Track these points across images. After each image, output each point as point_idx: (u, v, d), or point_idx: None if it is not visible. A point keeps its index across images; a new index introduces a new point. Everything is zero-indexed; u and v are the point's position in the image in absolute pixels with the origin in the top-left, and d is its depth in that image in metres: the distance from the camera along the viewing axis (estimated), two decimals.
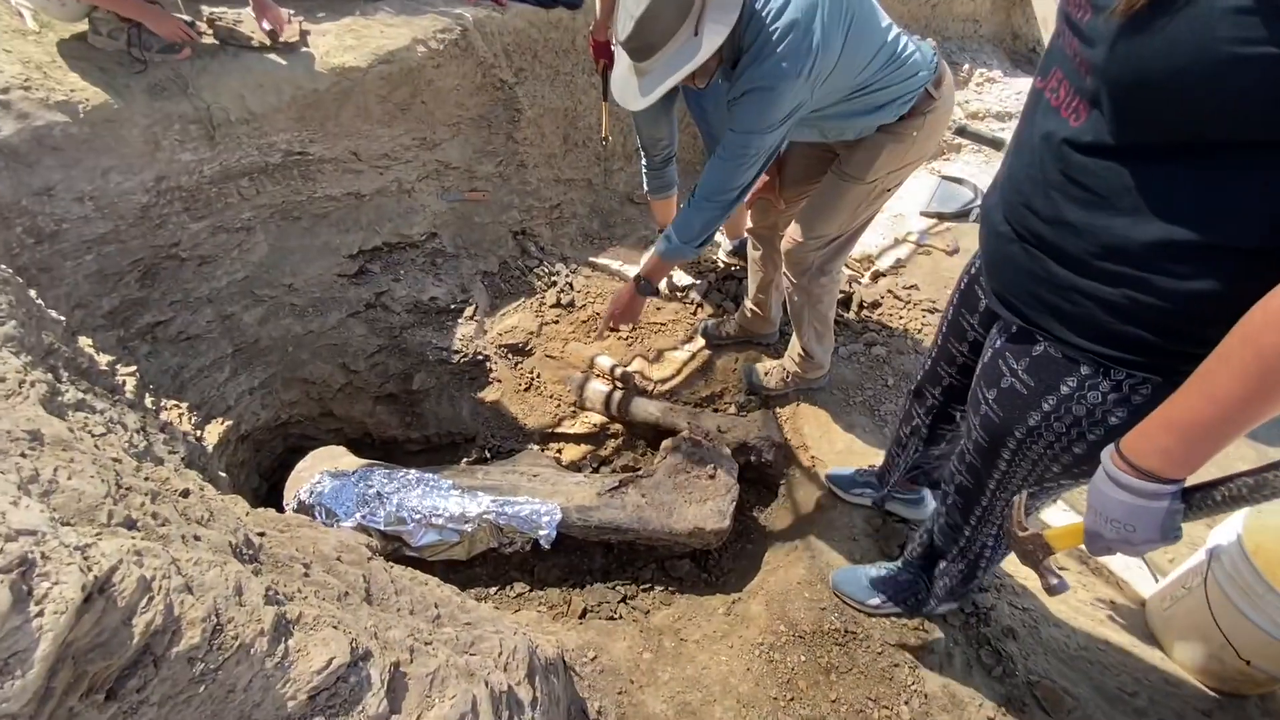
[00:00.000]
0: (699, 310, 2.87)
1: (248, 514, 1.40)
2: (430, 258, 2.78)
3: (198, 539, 0.98)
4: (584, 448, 2.54)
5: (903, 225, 3.28)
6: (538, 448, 2.54)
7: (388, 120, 2.59)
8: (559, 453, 2.53)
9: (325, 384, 2.52)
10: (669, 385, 2.60)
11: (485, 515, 2.01)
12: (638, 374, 2.61)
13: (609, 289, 2.92)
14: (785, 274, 2.12)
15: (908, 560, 1.70)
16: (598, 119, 3.20)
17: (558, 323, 2.80)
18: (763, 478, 2.37)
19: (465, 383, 2.67)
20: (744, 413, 2.48)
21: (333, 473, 2.10)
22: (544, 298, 2.86)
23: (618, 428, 2.57)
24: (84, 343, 1.65)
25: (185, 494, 1.23)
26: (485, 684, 1.21)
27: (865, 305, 2.79)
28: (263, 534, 1.26)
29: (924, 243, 3.19)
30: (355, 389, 2.60)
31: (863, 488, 2.05)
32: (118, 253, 2.04)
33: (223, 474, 1.93)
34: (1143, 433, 0.85)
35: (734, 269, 3.00)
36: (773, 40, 1.46)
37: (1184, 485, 0.84)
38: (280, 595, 0.97)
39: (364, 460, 2.23)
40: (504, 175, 2.98)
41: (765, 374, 2.46)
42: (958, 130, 3.76)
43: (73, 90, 1.92)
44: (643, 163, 2.68)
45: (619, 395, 2.51)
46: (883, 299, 2.83)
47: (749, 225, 2.34)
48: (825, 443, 2.29)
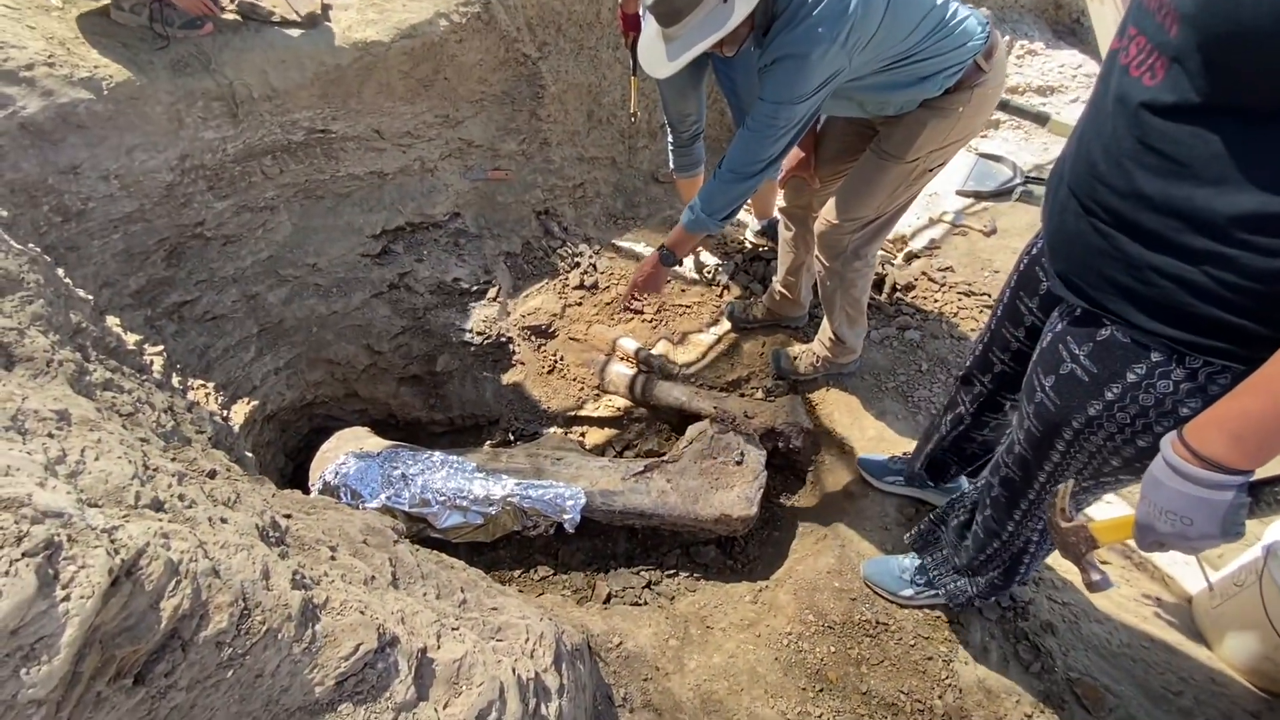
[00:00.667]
0: (725, 292, 2.80)
1: (274, 495, 1.39)
2: (453, 238, 2.75)
3: (224, 521, 0.96)
4: (607, 431, 2.51)
5: (938, 204, 3.16)
6: (561, 431, 2.52)
7: (410, 97, 2.54)
8: (582, 436, 2.50)
9: (350, 365, 2.52)
10: (694, 369, 2.55)
11: (509, 498, 1.99)
12: (662, 357, 2.56)
13: (632, 271, 2.87)
14: (818, 257, 2.04)
15: (945, 541, 1.64)
16: (623, 95, 3.12)
17: (581, 304, 2.76)
18: (790, 464, 2.32)
19: (488, 365, 2.65)
20: (771, 398, 2.42)
21: (358, 454, 2.10)
22: (567, 279, 2.82)
23: (641, 412, 2.54)
24: (112, 322, 1.65)
25: (212, 475, 1.23)
26: (512, 671, 1.19)
27: (898, 288, 2.70)
28: (289, 516, 1.25)
29: (960, 223, 3.07)
30: (379, 370, 2.59)
31: (896, 475, 1.99)
32: (144, 232, 2.03)
33: (249, 454, 1.93)
34: (1212, 418, 0.79)
35: (762, 250, 2.92)
36: (808, 3, 1.38)
37: (1251, 478, 0.78)
38: (307, 579, 0.96)
39: (388, 441, 2.23)
40: (527, 153, 2.93)
41: (794, 358, 2.40)
42: (999, 104, 3.59)
43: (96, 67, 1.90)
44: (669, 139, 2.60)
45: (643, 379, 2.47)
46: (916, 281, 2.74)
47: (781, 204, 2.26)
48: (856, 430, 2.23)
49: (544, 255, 2.90)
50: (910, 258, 2.88)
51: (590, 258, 2.90)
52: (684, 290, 2.81)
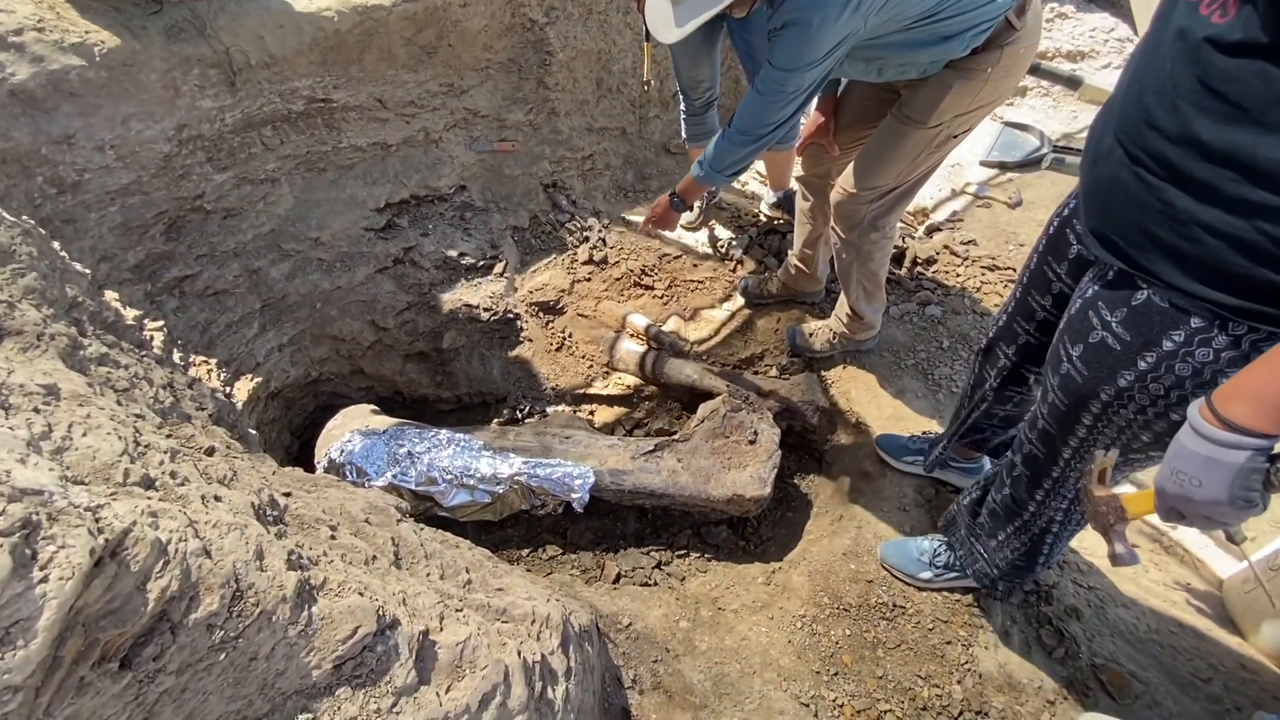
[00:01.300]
0: (739, 267, 2.72)
1: (274, 473, 1.36)
2: (459, 211, 2.68)
3: (219, 500, 0.93)
4: (617, 410, 2.46)
5: (960, 175, 3.04)
6: (569, 409, 2.48)
7: (413, 65, 2.46)
8: (591, 414, 2.46)
9: (355, 341, 2.48)
10: (706, 346, 2.49)
11: (517, 477, 1.95)
12: (673, 334, 2.50)
13: (643, 245, 2.79)
14: (834, 228, 1.96)
15: (955, 526, 1.58)
16: (634, 62, 3.01)
17: (590, 280, 2.69)
18: (805, 444, 2.26)
19: (496, 342, 2.60)
20: (786, 375, 2.36)
21: (363, 431, 2.07)
22: (576, 254, 2.75)
23: (652, 390, 2.48)
24: (110, 296, 1.61)
25: (210, 452, 1.19)
26: (518, 654, 1.16)
27: (919, 261, 2.61)
28: (289, 494, 1.22)
29: (983, 195, 2.95)
30: (385, 347, 2.55)
31: (915, 455, 1.93)
32: (142, 204, 1.99)
33: (253, 431, 1.90)
34: (1237, 380, 0.74)
35: (777, 223, 2.83)
36: None
37: (1273, 445, 0.73)
38: (305, 559, 0.93)
39: (395, 419, 2.19)
40: (534, 124, 2.84)
41: (810, 335, 2.32)
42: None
43: (87, 32, 1.83)
44: (681, 107, 2.51)
45: (653, 356, 2.41)
46: (938, 255, 2.64)
47: (798, 173, 2.17)
48: (873, 408, 2.16)
49: (552, 230, 2.83)
50: (932, 230, 2.77)
51: (599, 232, 2.82)
52: (696, 265, 2.73)
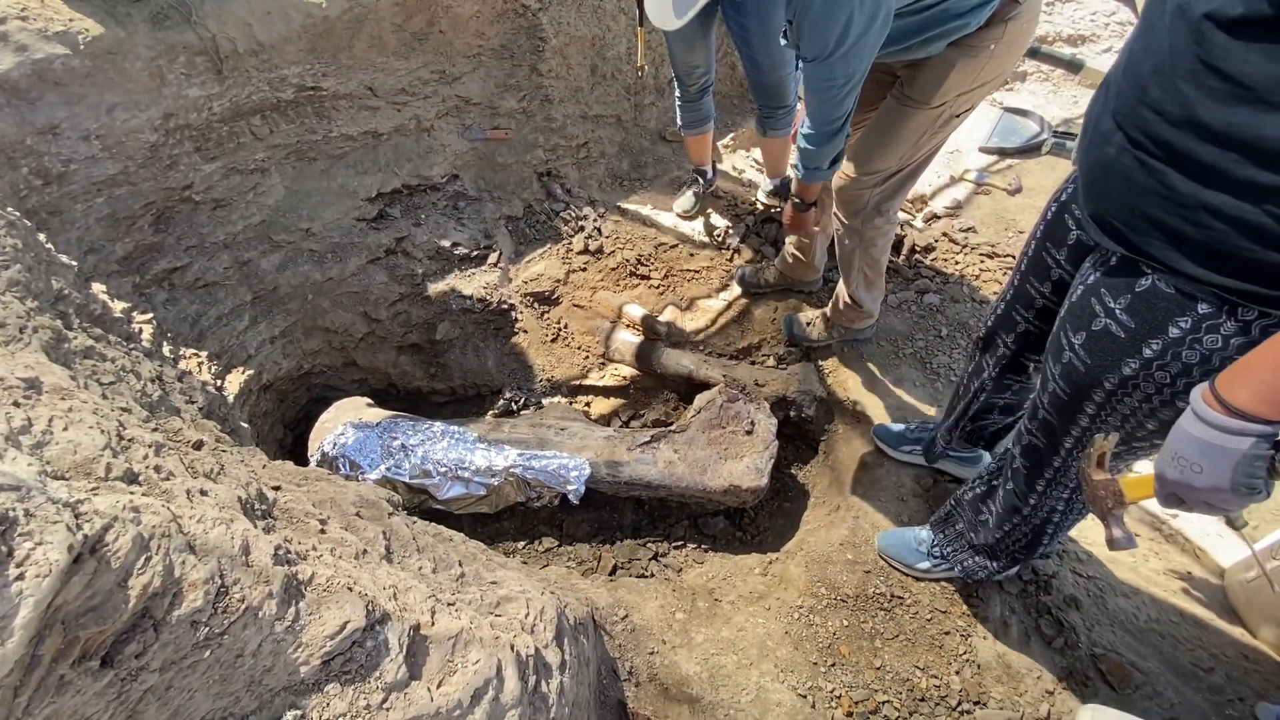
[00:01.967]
0: (735, 256, 2.69)
1: (264, 466, 1.34)
2: (452, 201, 2.65)
3: (204, 494, 0.91)
4: (613, 400, 2.44)
5: (960, 162, 3.01)
6: (565, 400, 2.46)
7: (404, 52, 2.42)
8: (587, 405, 2.44)
9: (347, 333, 2.46)
10: (703, 336, 2.47)
11: (512, 469, 1.94)
12: (670, 324, 2.47)
13: (639, 234, 2.76)
14: (836, 214, 1.93)
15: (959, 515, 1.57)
16: (629, 48, 2.96)
17: (585, 270, 2.66)
18: (803, 434, 2.25)
19: (490, 333, 2.58)
20: (783, 365, 2.34)
21: (357, 424, 2.05)
22: (571, 243, 2.72)
23: (648, 380, 2.46)
24: (97, 289, 1.59)
25: (198, 446, 1.17)
26: (511, 648, 1.15)
27: (918, 249, 2.58)
28: (279, 488, 1.20)
29: (983, 182, 2.91)
30: (378, 338, 2.53)
31: (913, 444, 1.91)
32: (129, 195, 1.96)
33: (245, 424, 1.89)
34: (1240, 365, 0.73)
35: (774, 211, 2.80)
36: None
37: (1277, 432, 0.71)
38: (293, 554, 0.91)
39: (388, 411, 2.17)
40: (528, 112, 2.80)
41: (807, 324, 2.30)
42: (1028, 52, 3.36)
43: (71, 20, 1.80)
44: (676, 94, 2.47)
45: (650, 346, 2.39)
46: (937, 243, 2.61)
47: (795, 161, 2.13)
48: (871, 397, 2.14)
49: (546, 219, 2.80)
50: (930, 218, 2.74)
51: (595, 221, 2.79)
52: (693, 254, 2.71)
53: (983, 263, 2.54)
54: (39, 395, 0.82)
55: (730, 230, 2.75)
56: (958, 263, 2.55)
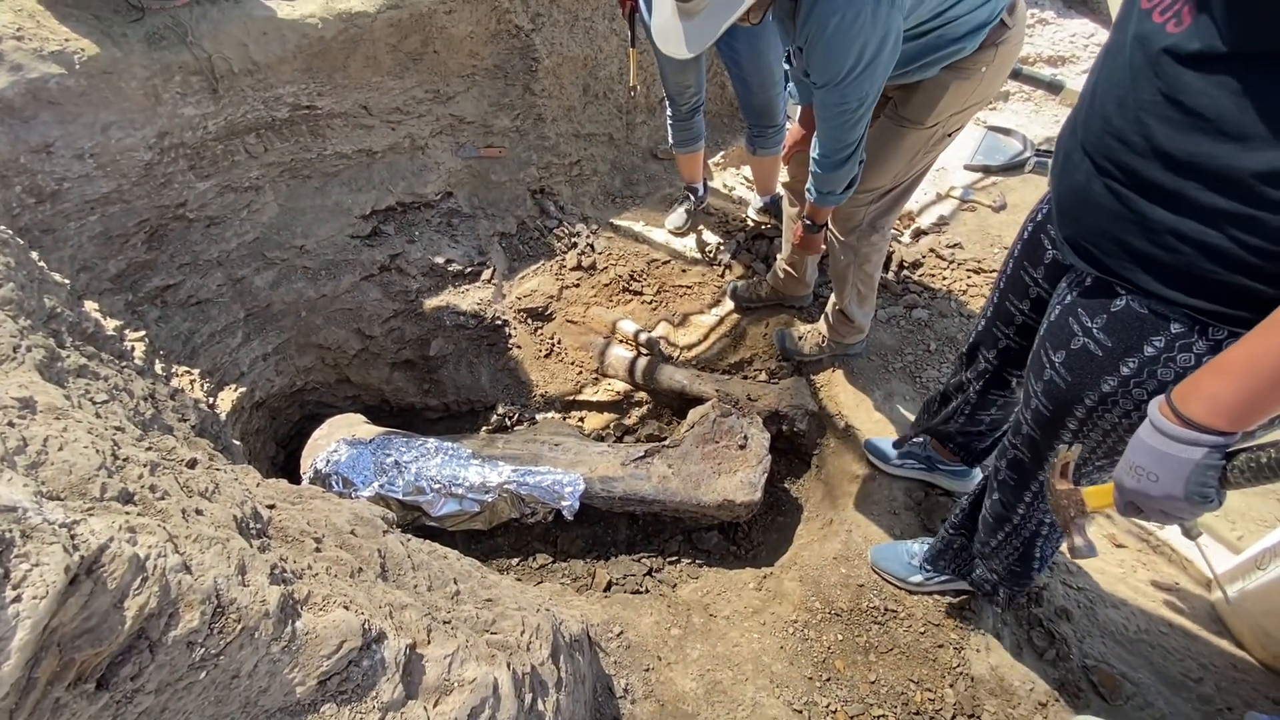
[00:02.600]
0: (727, 272, 2.72)
1: (258, 485, 1.33)
2: (445, 218, 2.67)
3: (200, 513, 0.91)
4: (607, 416, 2.45)
5: (946, 179, 3.07)
6: (559, 415, 2.46)
7: (398, 71, 2.45)
8: (581, 421, 2.44)
9: (340, 350, 2.45)
10: (695, 351, 2.49)
11: (506, 485, 1.94)
12: (662, 339, 2.49)
13: (631, 250, 2.79)
14: (831, 230, 1.96)
15: (951, 528, 1.58)
16: (620, 68, 3.01)
17: (579, 286, 2.68)
18: (795, 448, 2.26)
19: (484, 349, 2.58)
20: (775, 380, 2.36)
21: (350, 441, 2.04)
22: (564, 260, 2.74)
23: (642, 396, 2.47)
24: (90, 307, 1.58)
25: (192, 464, 1.17)
26: (507, 666, 1.14)
27: (906, 265, 2.62)
28: (273, 506, 1.20)
29: (968, 198, 2.97)
30: (371, 355, 2.53)
31: (905, 457, 1.93)
32: (122, 213, 1.96)
33: (237, 442, 1.88)
34: (1194, 378, 0.76)
35: (764, 227, 2.83)
36: None
37: (1229, 443, 0.75)
38: (289, 573, 0.91)
39: (381, 428, 2.17)
40: (521, 130, 2.83)
41: (799, 338, 2.33)
42: (1010, 73, 3.44)
43: (67, 40, 1.81)
44: (668, 113, 2.51)
45: (643, 361, 2.40)
46: (924, 258, 2.65)
47: (784, 180, 2.17)
48: (862, 411, 2.16)
49: (540, 235, 2.82)
50: (918, 234, 2.79)
51: (588, 238, 2.82)
52: (685, 270, 2.73)
53: (969, 278, 2.58)
54: (33, 415, 0.82)
55: (721, 246, 2.78)
56: (945, 278, 2.60)
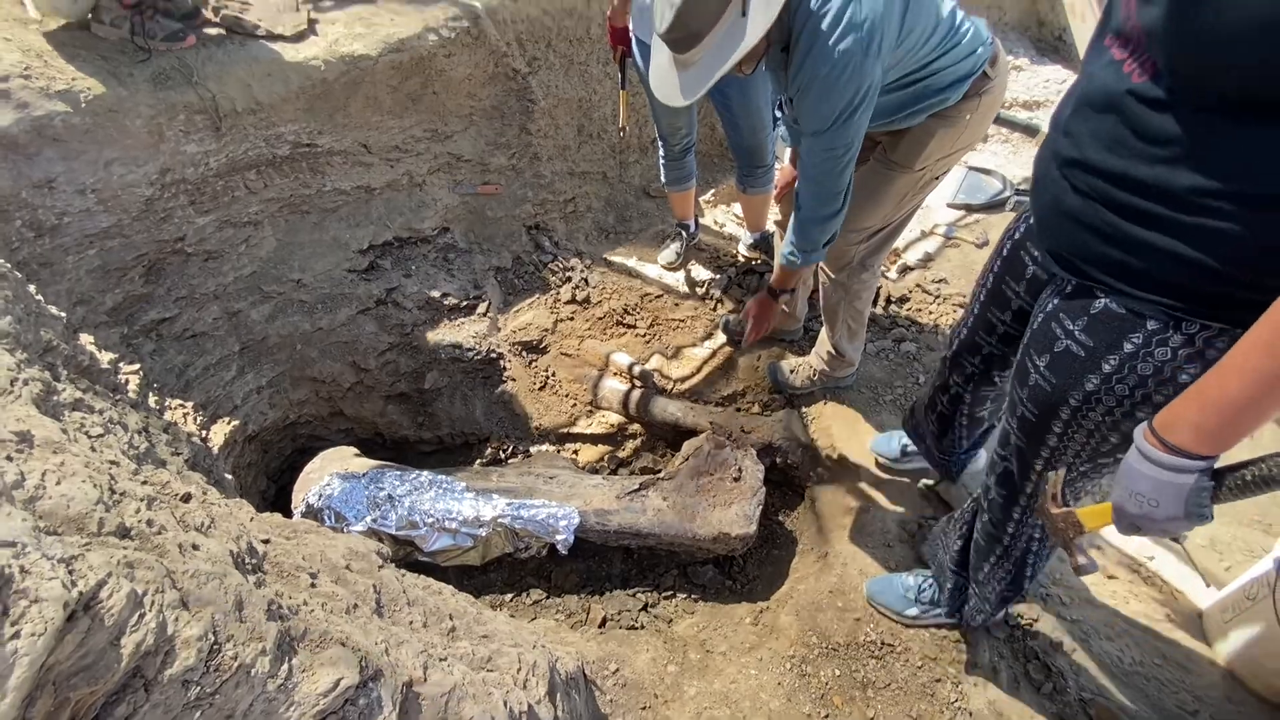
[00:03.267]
0: (719, 306, 2.77)
1: (252, 519, 1.32)
2: (442, 253, 2.71)
3: (196, 548, 0.90)
4: (601, 448, 2.45)
5: (930, 217, 3.16)
6: (553, 448, 2.46)
7: (398, 111, 2.51)
8: (575, 454, 2.44)
9: (335, 383, 2.45)
10: (689, 384, 2.51)
11: (500, 519, 1.93)
12: (656, 372, 2.52)
13: (625, 285, 2.83)
14: (822, 268, 2.01)
15: (944, 563, 1.60)
16: (613, 109, 3.11)
17: (573, 319, 2.71)
18: (789, 480, 2.27)
19: (478, 381, 2.59)
20: (768, 412, 2.38)
21: (342, 474, 2.03)
22: (559, 294, 2.78)
23: (636, 428, 2.48)
24: (85, 340, 1.58)
25: (186, 499, 1.16)
26: (504, 704, 1.13)
27: (893, 300, 2.69)
28: (268, 541, 1.19)
29: (952, 235, 3.07)
30: (365, 388, 2.53)
31: (912, 454, 1.96)
32: (121, 247, 1.97)
33: (229, 476, 1.86)
34: (1174, 408, 0.83)
35: (755, 263, 2.90)
36: (826, 23, 1.31)
37: (1214, 464, 0.82)
38: (285, 609, 0.90)
39: (375, 461, 2.16)
40: (517, 168, 2.90)
41: (791, 372, 2.36)
42: None
43: (74, 79, 1.85)
44: (660, 153, 2.58)
45: (637, 394, 2.42)
46: (911, 294, 2.72)
47: (777, 218, 2.23)
48: (854, 443, 2.18)
49: (535, 270, 2.86)
50: (904, 270, 2.86)
51: (582, 272, 2.86)
52: (678, 304, 2.78)
53: (955, 312, 2.64)
54: (31, 449, 0.82)
55: (713, 281, 2.84)
56: (931, 312, 2.66)
